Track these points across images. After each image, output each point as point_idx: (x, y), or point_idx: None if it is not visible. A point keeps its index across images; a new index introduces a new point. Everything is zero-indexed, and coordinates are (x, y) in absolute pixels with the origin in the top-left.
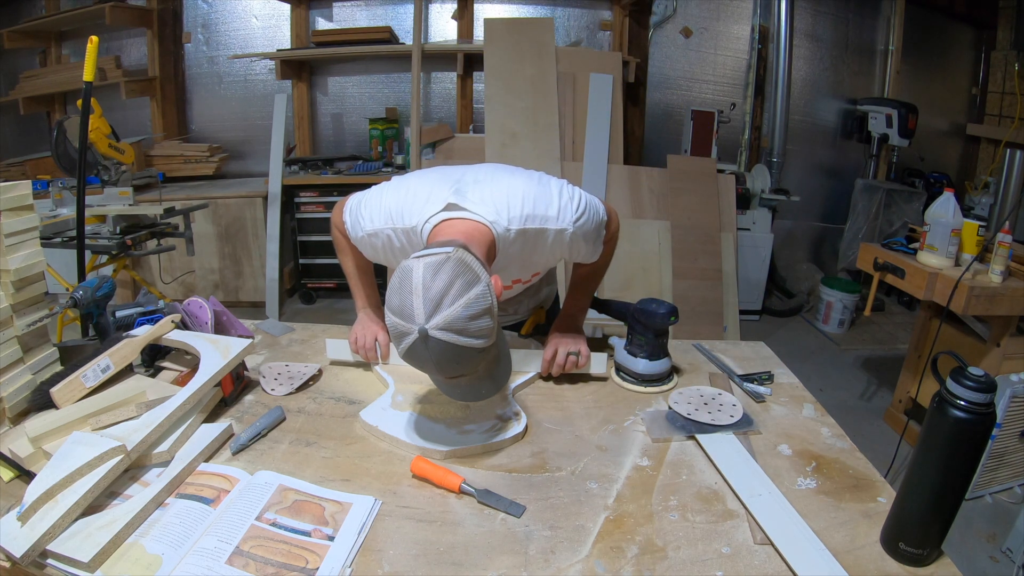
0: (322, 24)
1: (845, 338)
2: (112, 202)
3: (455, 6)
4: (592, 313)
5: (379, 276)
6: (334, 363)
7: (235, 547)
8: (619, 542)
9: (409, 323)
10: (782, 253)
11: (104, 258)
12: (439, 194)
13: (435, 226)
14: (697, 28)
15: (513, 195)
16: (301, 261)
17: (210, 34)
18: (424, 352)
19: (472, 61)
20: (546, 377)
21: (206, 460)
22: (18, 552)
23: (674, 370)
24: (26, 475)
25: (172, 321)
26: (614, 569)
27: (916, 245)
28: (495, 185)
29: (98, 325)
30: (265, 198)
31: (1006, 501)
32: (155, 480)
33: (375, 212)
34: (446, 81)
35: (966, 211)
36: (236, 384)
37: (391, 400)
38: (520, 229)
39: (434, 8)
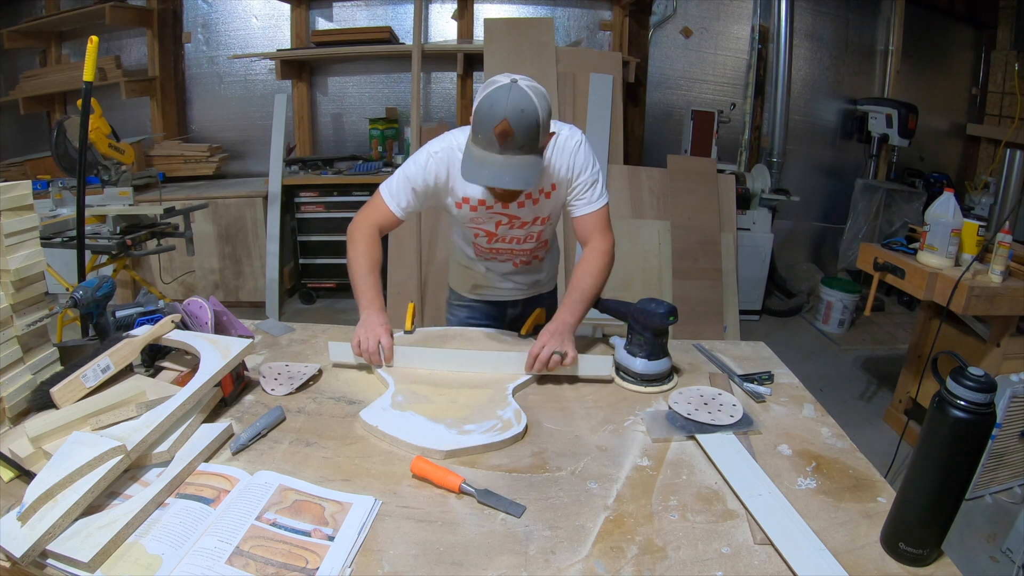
0: (322, 24)
1: (845, 338)
2: (112, 202)
3: (455, 6)
4: (593, 313)
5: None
6: (336, 365)
7: (235, 547)
8: (619, 542)
9: (504, 79)
10: (782, 253)
11: (104, 258)
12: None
13: None
14: (697, 28)
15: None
16: (301, 261)
17: (210, 34)
18: (504, 95)
19: (472, 61)
20: (541, 379)
21: (206, 460)
22: (18, 552)
23: (674, 370)
24: (26, 475)
25: (172, 321)
26: (614, 569)
27: (916, 245)
28: None
29: (98, 325)
30: (265, 198)
31: (1006, 501)
32: (155, 480)
33: (434, 144)
34: (446, 81)
35: (966, 211)
36: (236, 384)
37: (391, 400)
38: None
39: (434, 8)
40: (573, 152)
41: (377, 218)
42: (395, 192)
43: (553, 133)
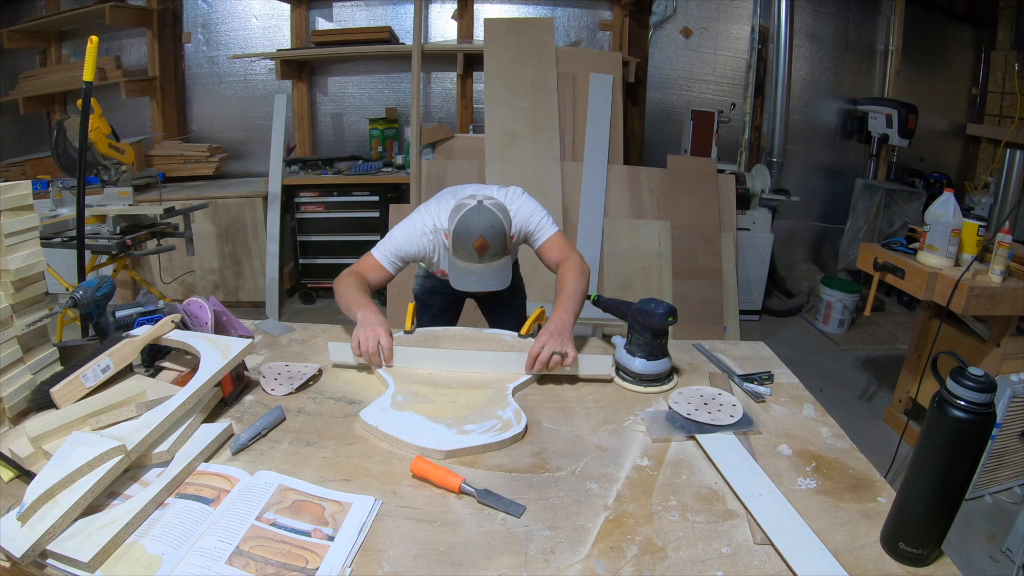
0: (322, 24)
1: (845, 338)
2: (112, 202)
3: (455, 6)
4: (594, 312)
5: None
6: (336, 366)
7: (235, 547)
8: (619, 542)
9: (472, 200)
10: (782, 253)
11: (104, 258)
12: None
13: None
14: (697, 28)
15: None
16: (301, 261)
17: (210, 34)
18: (476, 216)
19: (472, 61)
20: (541, 379)
21: (206, 460)
22: (18, 552)
23: (674, 370)
24: (26, 475)
25: (172, 321)
26: (614, 569)
27: (916, 245)
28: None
29: (98, 325)
30: (265, 198)
31: (1006, 501)
32: (155, 480)
33: (424, 221)
34: (446, 81)
35: (966, 211)
36: (236, 384)
37: (391, 400)
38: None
39: (434, 8)
40: (516, 215)
41: (367, 272)
42: (387, 254)
43: (513, 236)
